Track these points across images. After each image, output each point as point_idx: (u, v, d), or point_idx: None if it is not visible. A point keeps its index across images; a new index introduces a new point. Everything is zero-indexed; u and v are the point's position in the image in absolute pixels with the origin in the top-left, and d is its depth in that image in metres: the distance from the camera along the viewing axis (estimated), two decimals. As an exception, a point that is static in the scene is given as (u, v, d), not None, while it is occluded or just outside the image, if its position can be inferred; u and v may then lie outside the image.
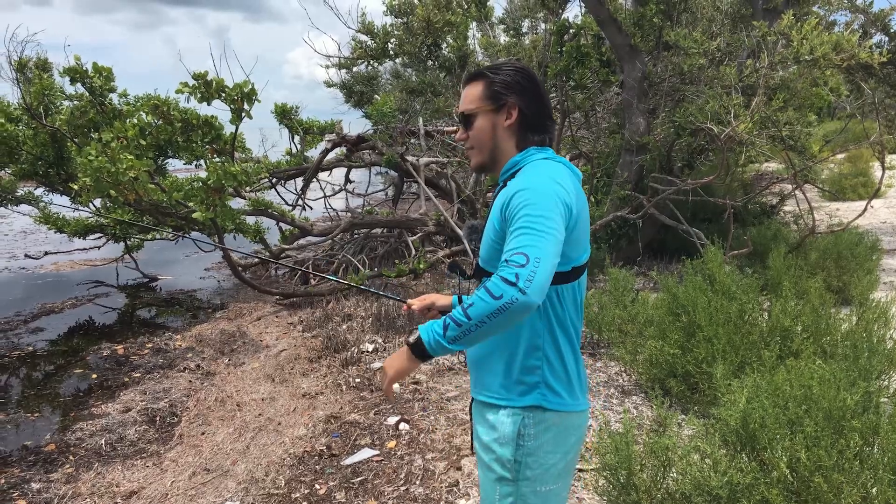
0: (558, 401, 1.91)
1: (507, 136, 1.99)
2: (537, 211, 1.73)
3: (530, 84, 2.00)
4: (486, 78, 2.00)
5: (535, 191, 1.77)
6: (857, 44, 6.36)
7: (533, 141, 2.00)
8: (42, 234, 14.08)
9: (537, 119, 2.00)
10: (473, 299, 1.67)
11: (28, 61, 8.25)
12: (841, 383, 3.11)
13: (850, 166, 14.95)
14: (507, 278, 1.63)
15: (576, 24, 9.21)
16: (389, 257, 9.84)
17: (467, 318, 1.66)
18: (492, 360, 1.96)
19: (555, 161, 1.94)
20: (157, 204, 6.57)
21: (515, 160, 1.97)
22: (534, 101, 1.99)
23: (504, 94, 1.97)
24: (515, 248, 1.68)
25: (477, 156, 2.05)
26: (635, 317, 5.23)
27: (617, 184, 8.36)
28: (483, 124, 2.00)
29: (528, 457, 1.89)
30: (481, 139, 2.01)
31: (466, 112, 2.03)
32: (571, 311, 1.94)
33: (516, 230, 1.72)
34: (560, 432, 1.92)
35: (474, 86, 2.02)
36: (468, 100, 2.03)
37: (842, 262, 6.67)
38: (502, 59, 8.23)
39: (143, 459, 4.71)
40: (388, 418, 4.90)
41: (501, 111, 1.98)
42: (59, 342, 7.63)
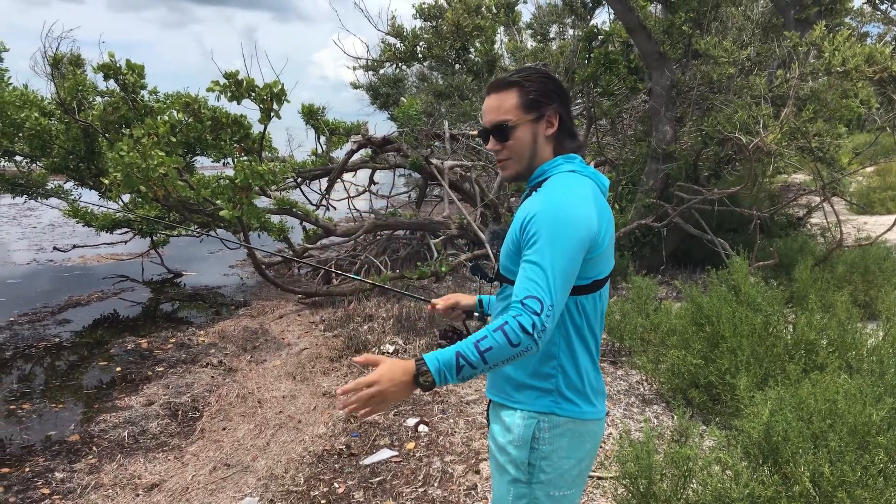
0: (572, 408, 1.90)
1: (545, 144, 1.96)
2: (557, 245, 1.72)
3: (561, 90, 1.98)
4: (521, 86, 1.93)
5: (556, 219, 1.74)
6: (890, 56, 6.29)
7: (570, 147, 1.97)
8: (69, 228, 14.28)
9: (571, 125, 1.98)
10: (489, 342, 1.65)
11: (62, 57, 8.39)
12: (867, 399, 3.08)
13: (879, 179, 14.76)
14: (525, 327, 1.65)
15: (604, 30, 9.19)
16: (412, 259, 9.87)
17: (484, 362, 1.66)
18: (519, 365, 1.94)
19: (581, 174, 1.91)
20: (185, 201, 6.65)
21: (543, 168, 1.95)
22: (566, 106, 1.98)
23: (544, 101, 1.93)
24: (532, 291, 1.68)
25: (513, 166, 1.99)
26: (658, 326, 5.21)
27: (642, 191, 8.33)
28: (523, 135, 1.94)
29: (542, 460, 1.89)
30: (521, 150, 1.96)
31: (504, 123, 1.94)
32: (592, 320, 1.92)
33: (534, 264, 1.72)
34: (575, 438, 1.91)
35: (506, 95, 1.95)
36: (503, 110, 1.94)
37: (869, 276, 6.59)
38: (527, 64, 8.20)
39: (164, 452, 4.76)
40: (408, 420, 4.92)
41: (541, 120, 1.94)
42: (84, 334, 7.74)
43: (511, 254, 1.89)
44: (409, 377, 1.69)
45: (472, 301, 2.35)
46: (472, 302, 2.36)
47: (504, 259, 1.94)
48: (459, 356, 1.66)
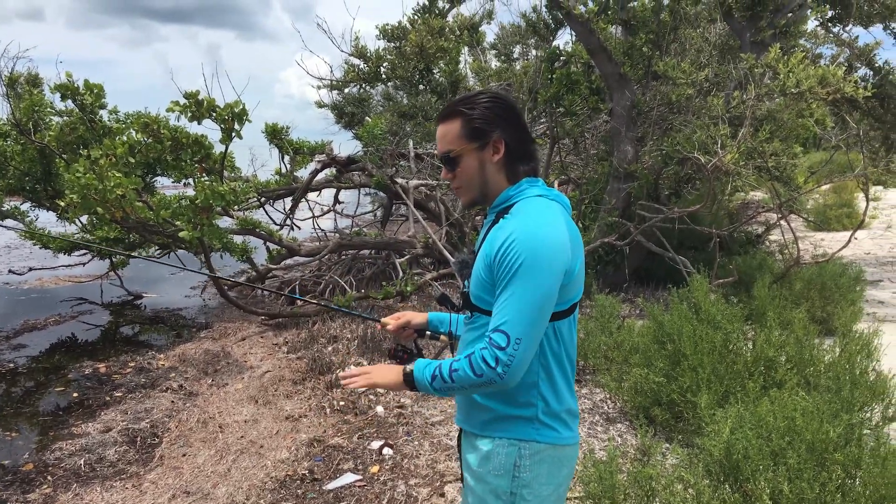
0: (552, 434, 1.89)
1: (496, 170, 1.92)
2: (528, 277, 1.72)
3: (510, 113, 1.92)
4: (463, 114, 1.90)
5: (531, 250, 1.73)
6: (843, 78, 6.46)
7: (523, 171, 1.94)
8: (27, 250, 13.96)
9: (523, 148, 1.94)
10: (459, 365, 1.79)
11: (19, 76, 8.24)
12: (824, 415, 3.13)
13: (835, 197, 15.12)
14: (487, 360, 1.74)
15: (566, 51, 9.31)
16: (377, 279, 9.83)
17: (451, 381, 1.80)
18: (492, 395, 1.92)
19: (549, 199, 1.90)
20: (145, 222, 6.54)
21: (509, 194, 1.92)
22: (517, 130, 1.92)
23: (487, 129, 1.89)
24: (498, 324, 1.74)
25: (466, 194, 1.98)
26: (621, 344, 5.24)
27: (605, 210, 8.41)
28: (469, 164, 1.92)
29: (523, 488, 1.87)
30: (469, 178, 1.94)
31: (448, 153, 1.93)
32: (569, 345, 1.93)
33: (505, 298, 1.75)
34: (554, 464, 1.90)
35: (450, 123, 1.92)
36: (447, 140, 1.93)
37: (826, 292, 6.72)
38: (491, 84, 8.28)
39: (122, 481, 4.64)
40: (372, 443, 4.87)
41: (486, 148, 1.90)
42: (40, 359, 7.55)
43: (483, 282, 1.86)
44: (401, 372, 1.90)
45: (423, 319, 2.34)
46: (422, 320, 2.33)
47: (475, 288, 1.91)
48: (437, 368, 1.83)
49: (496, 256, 1.78)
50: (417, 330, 2.34)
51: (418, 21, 8.27)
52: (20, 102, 7.64)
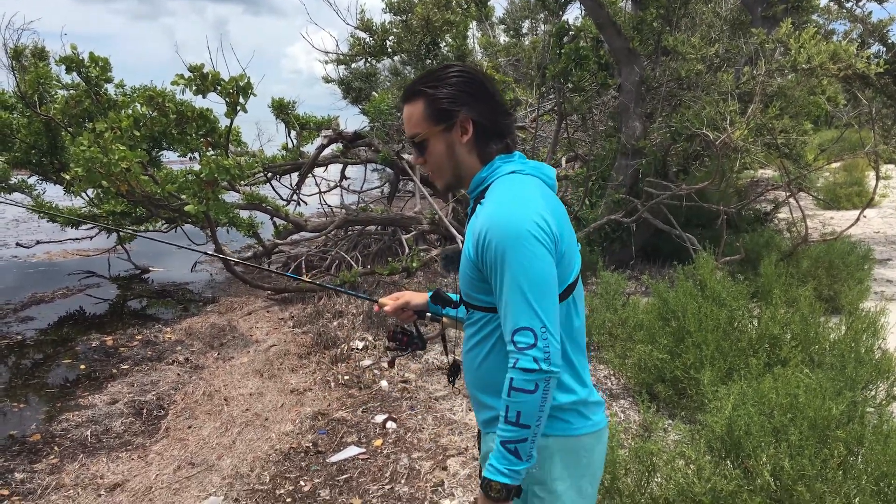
0: (564, 426, 1.76)
1: (466, 152, 1.79)
2: (521, 265, 1.60)
3: (478, 88, 1.77)
4: (426, 94, 1.76)
5: (511, 234, 1.60)
6: (855, 54, 6.36)
7: (496, 150, 1.80)
8: (34, 223, 14.03)
9: (494, 124, 1.79)
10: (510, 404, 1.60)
11: (24, 49, 8.20)
12: (827, 393, 3.12)
13: (845, 175, 14.98)
14: (528, 368, 1.59)
15: (575, 26, 9.19)
16: (383, 255, 9.82)
17: (526, 428, 1.60)
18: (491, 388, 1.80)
19: (523, 174, 1.76)
20: (150, 195, 6.55)
21: (482, 176, 1.79)
22: (486, 105, 1.78)
23: (452, 109, 1.75)
24: (516, 326, 1.60)
25: (440, 179, 1.86)
26: (625, 321, 5.23)
27: (612, 187, 8.36)
28: (437, 147, 1.79)
29: (534, 485, 1.76)
30: (439, 163, 1.82)
31: (415, 138, 1.80)
32: (571, 331, 1.79)
33: (505, 293, 1.62)
34: (569, 457, 1.78)
35: (414, 104, 1.78)
36: (412, 123, 1.79)
37: (833, 270, 6.68)
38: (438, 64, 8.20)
39: (128, 452, 4.69)
40: (376, 416, 4.89)
41: (454, 129, 1.76)
42: (48, 332, 7.60)
43: (471, 279, 1.77)
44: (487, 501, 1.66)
45: (423, 300, 2.20)
46: (422, 301, 2.19)
47: (464, 285, 1.82)
48: (505, 444, 1.62)
49: (477, 253, 1.68)
50: (417, 311, 2.20)
51: (425, -7, 8.18)
52: (25, 75, 7.62)
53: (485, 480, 1.66)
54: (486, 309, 1.78)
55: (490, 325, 1.78)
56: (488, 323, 1.79)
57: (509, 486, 1.63)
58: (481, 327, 1.81)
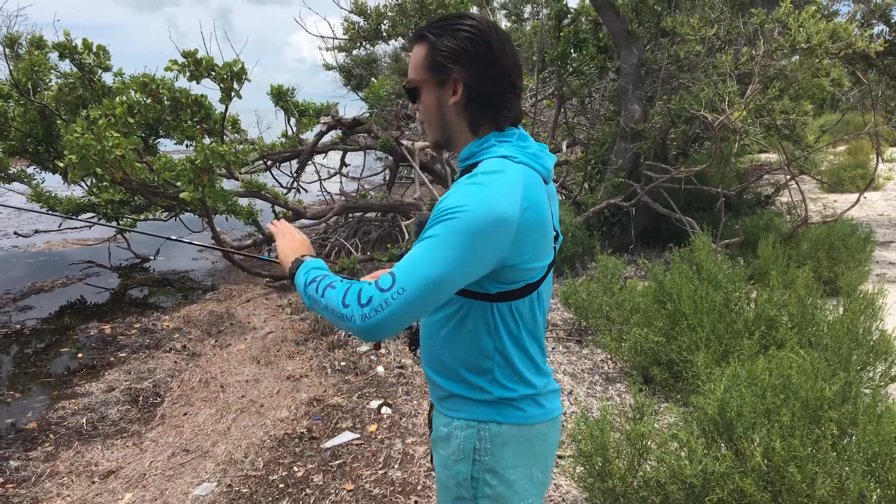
0: (516, 413, 1.71)
1: (454, 114, 1.68)
2: (448, 237, 1.47)
3: (481, 49, 1.62)
4: (429, 41, 1.66)
5: (464, 209, 1.47)
6: (855, 33, 6.28)
7: (486, 122, 1.68)
8: (35, 213, 14.02)
9: (491, 93, 1.65)
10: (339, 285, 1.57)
11: (19, 36, 8.16)
12: (820, 373, 3.08)
13: (849, 158, 14.87)
14: (361, 295, 1.50)
15: (574, 9, 9.12)
16: (383, 241, 9.81)
17: (321, 295, 1.59)
18: (443, 370, 1.75)
19: (514, 162, 1.60)
20: (147, 183, 6.52)
21: (472, 150, 1.68)
22: (484, 71, 1.63)
23: (446, 65, 1.63)
24: (396, 269, 1.50)
25: (430, 132, 1.77)
26: (622, 304, 5.20)
27: (611, 171, 8.30)
28: (428, 100, 1.71)
29: (486, 473, 1.70)
30: (429, 116, 1.73)
31: (411, 83, 1.73)
32: (532, 325, 1.72)
33: (416, 245, 1.52)
34: (521, 445, 1.72)
35: (419, 48, 1.69)
36: (412, 66, 1.72)
37: (833, 252, 6.63)
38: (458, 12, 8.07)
39: (123, 439, 4.68)
40: (371, 402, 4.88)
41: (445, 85, 1.66)
42: (48, 321, 7.60)
43: None
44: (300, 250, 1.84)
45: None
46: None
47: None
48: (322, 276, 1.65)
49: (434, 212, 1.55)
50: None
51: (420, -24, 8.11)
52: (19, 63, 7.58)
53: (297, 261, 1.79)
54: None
55: (450, 307, 1.69)
56: (448, 304, 1.69)
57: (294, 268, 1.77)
58: (441, 307, 1.71)
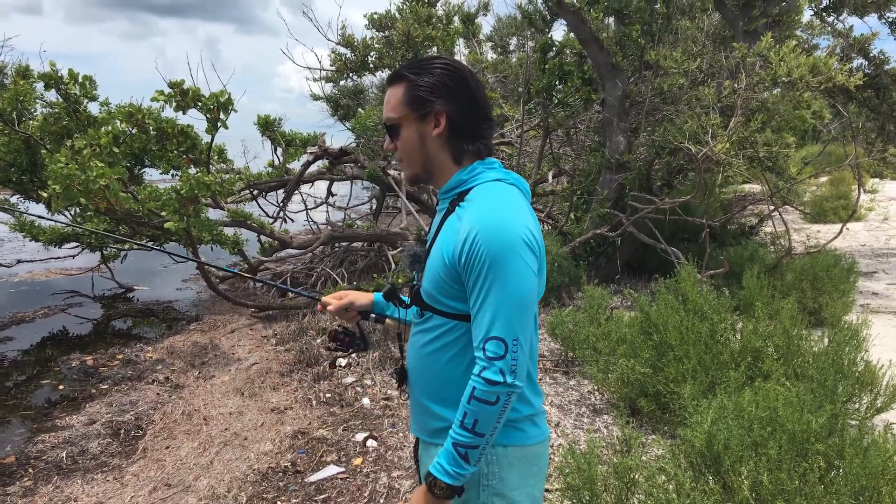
0: (519, 435, 1.76)
1: (437, 146, 1.77)
2: (503, 272, 1.58)
3: (459, 84, 1.75)
4: (408, 80, 1.76)
5: (497, 241, 1.58)
6: (835, 67, 6.39)
7: (469, 151, 1.78)
8: (19, 242, 13.87)
9: (470, 125, 1.77)
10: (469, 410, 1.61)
11: (4, 66, 8.16)
12: (806, 406, 3.08)
13: (831, 189, 15.05)
14: (492, 380, 1.58)
15: (559, 42, 9.23)
16: (369, 271, 9.77)
17: (481, 436, 1.61)
18: (445, 399, 1.78)
19: (506, 182, 1.75)
20: (132, 213, 6.49)
21: (461, 178, 1.76)
22: (465, 104, 1.76)
23: (429, 99, 1.73)
24: (489, 334, 1.58)
25: (408, 168, 1.84)
26: (608, 335, 5.19)
27: (597, 201, 8.35)
28: (409, 135, 1.78)
29: (494, 497, 1.74)
30: (410, 151, 1.80)
31: (388, 122, 1.80)
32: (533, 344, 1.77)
33: (482, 300, 1.60)
34: (524, 466, 1.78)
35: (396, 88, 1.78)
36: (390, 106, 1.79)
37: (818, 283, 6.67)
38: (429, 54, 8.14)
39: (103, 473, 4.60)
40: (357, 435, 4.83)
41: (427, 119, 1.75)
42: (28, 352, 7.49)
43: (441, 281, 1.71)
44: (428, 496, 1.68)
45: (369, 300, 2.14)
46: (367, 301, 2.13)
47: (430, 285, 1.75)
48: (456, 446, 1.62)
49: (460, 255, 1.63)
50: (361, 312, 2.13)
51: (406, 10, 8.19)
52: (4, 93, 7.56)
53: (430, 477, 1.66)
54: (450, 315, 1.74)
55: (453, 333, 1.74)
56: (451, 330, 1.74)
57: (453, 486, 1.64)
58: (442, 334, 1.76)
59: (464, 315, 1.71)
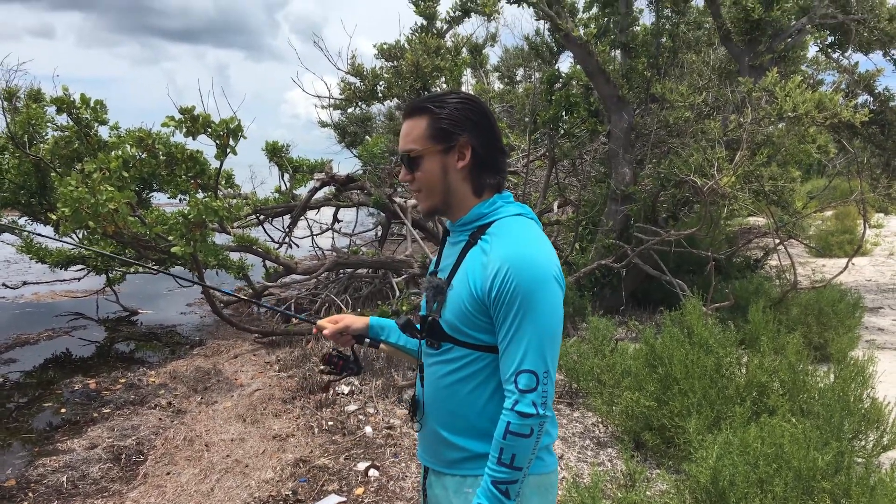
0: (539, 464, 1.76)
1: (460, 179, 1.78)
2: (534, 305, 1.62)
3: (482, 118, 1.78)
4: (431, 112, 1.76)
5: (533, 276, 1.62)
6: (840, 103, 6.44)
7: (489, 184, 1.80)
8: (25, 264, 13.94)
9: (492, 158, 1.80)
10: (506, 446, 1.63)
11: (17, 90, 8.26)
12: (812, 442, 3.06)
13: (837, 223, 15.04)
14: (525, 412, 1.61)
15: (566, 73, 9.31)
16: (373, 298, 9.78)
17: (518, 470, 1.63)
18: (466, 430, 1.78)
19: (527, 217, 1.78)
20: (139, 237, 6.52)
21: (482, 212, 1.78)
22: (486, 137, 1.78)
23: (454, 131, 1.74)
24: (521, 367, 1.62)
25: (426, 200, 1.82)
26: (613, 367, 5.17)
27: (602, 232, 8.37)
28: (431, 167, 1.77)
29: None
30: (430, 183, 1.78)
31: (410, 153, 1.78)
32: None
33: (513, 333, 1.63)
34: (541, 495, 1.78)
35: (416, 121, 1.78)
36: (411, 138, 1.78)
37: (823, 318, 6.65)
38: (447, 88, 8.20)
39: (104, 499, 4.57)
40: (358, 464, 4.79)
41: (452, 152, 1.75)
42: (31, 374, 7.50)
43: (468, 315, 1.71)
44: None
45: (364, 324, 2.13)
46: (362, 325, 2.13)
47: (454, 317, 1.74)
48: (497, 484, 1.63)
49: (490, 288, 1.65)
50: (356, 336, 2.13)
51: (415, 40, 8.29)
52: (16, 116, 7.65)
53: None
54: (473, 346, 1.74)
55: (476, 365, 1.75)
56: (474, 362, 1.75)
57: None
58: (464, 366, 1.76)
59: (487, 346, 1.73)
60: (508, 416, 1.62)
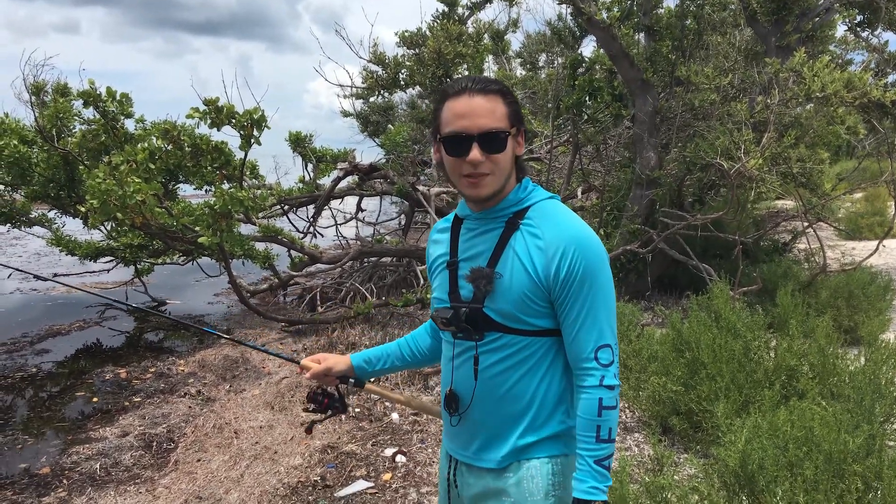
0: (574, 445, 1.76)
1: (512, 165, 1.77)
2: (599, 282, 1.69)
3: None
4: (504, 94, 1.71)
5: (591, 253, 1.68)
6: (870, 82, 6.32)
7: (522, 170, 1.81)
8: (55, 257, 14.15)
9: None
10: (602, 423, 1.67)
11: (45, 85, 8.37)
12: (843, 425, 3.02)
13: (867, 205, 14.80)
14: (613, 385, 1.69)
15: (589, 58, 9.23)
16: (398, 286, 9.81)
17: (613, 442, 1.70)
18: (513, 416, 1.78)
19: (558, 201, 1.82)
20: (166, 228, 6.59)
21: (520, 196, 1.77)
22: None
23: (521, 117, 1.75)
24: (600, 342, 1.68)
25: (492, 184, 1.71)
26: (639, 352, 5.14)
27: (627, 217, 8.31)
28: (509, 150, 1.72)
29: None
30: (505, 166, 1.71)
31: (500, 132, 1.67)
32: None
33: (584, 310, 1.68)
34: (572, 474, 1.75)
35: (494, 101, 1.68)
36: (496, 116, 1.67)
37: (853, 301, 6.56)
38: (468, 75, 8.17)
39: (136, 485, 4.65)
40: (386, 450, 4.83)
41: (517, 137, 1.74)
42: (63, 364, 7.62)
43: (526, 301, 1.69)
44: None
45: (346, 365, 2.12)
46: (346, 367, 2.12)
47: (510, 306, 1.71)
48: (600, 462, 1.67)
49: (556, 271, 1.66)
50: (340, 377, 2.13)
51: (437, 27, 8.26)
52: (44, 110, 7.76)
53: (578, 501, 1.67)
54: (528, 333, 1.74)
55: (528, 350, 1.75)
56: (526, 347, 1.74)
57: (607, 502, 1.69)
58: (516, 352, 1.74)
59: (544, 331, 1.74)
60: (598, 392, 1.67)
